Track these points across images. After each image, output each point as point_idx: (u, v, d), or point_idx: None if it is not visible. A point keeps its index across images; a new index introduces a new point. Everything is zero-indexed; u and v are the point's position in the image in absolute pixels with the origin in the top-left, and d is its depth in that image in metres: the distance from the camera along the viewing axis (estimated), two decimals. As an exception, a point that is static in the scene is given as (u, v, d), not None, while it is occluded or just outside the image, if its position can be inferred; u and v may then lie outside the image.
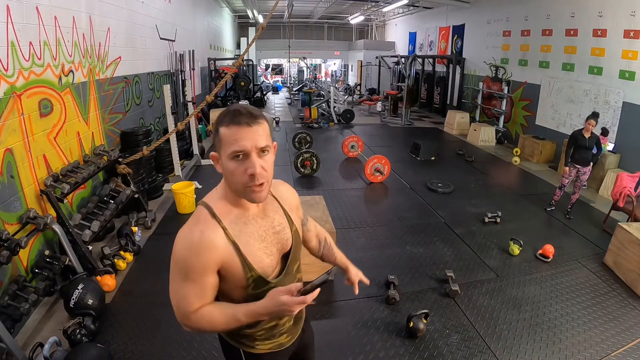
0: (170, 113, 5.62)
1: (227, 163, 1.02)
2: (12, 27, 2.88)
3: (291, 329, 1.29)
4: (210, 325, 1.08)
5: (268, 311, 1.04)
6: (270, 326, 1.21)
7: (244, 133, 0.99)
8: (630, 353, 2.61)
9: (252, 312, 1.05)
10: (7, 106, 2.80)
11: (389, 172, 6.02)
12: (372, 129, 10.62)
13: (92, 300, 2.72)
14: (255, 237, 1.11)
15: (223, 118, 1.03)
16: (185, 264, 1.03)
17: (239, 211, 1.11)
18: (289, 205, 1.25)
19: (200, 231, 1.03)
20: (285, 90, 19.31)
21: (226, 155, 1.01)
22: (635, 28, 5.60)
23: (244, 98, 11.97)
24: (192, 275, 1.04)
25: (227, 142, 1.00)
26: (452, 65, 11.38)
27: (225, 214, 1.08)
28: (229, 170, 1.02)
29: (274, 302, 1.02)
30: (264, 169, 1.02)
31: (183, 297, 1.05)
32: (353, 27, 21.43)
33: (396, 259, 3.74)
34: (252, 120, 1.00)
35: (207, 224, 1.05)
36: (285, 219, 1.20)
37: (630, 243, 3.41)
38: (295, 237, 1.22)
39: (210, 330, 1.11)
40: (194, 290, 1.05)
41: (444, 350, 2.60)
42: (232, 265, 1.06)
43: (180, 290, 1.05)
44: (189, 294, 1.05)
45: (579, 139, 4.54)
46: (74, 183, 3.37)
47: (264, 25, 5.56)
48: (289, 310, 1.01)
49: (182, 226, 1.08)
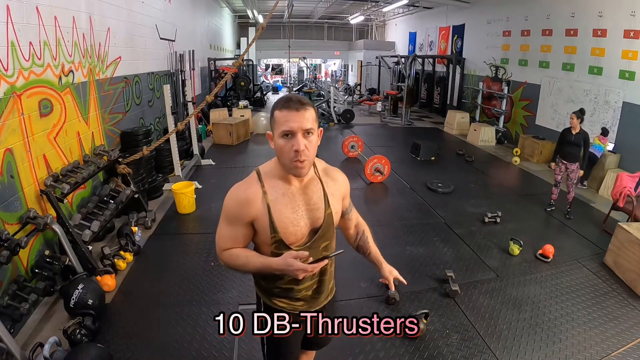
0: (170, 113, 5.62)
1: (278, 140, 1.21)
2: (12, 27, 2.88)
3: (308, 298, 1.43)
4: (234, 263, 1.32)
5: (277, 267, 1.24)
6: (285, 287, 1.38)
7: (293, 116, 1.17)
8: (630, 353, 2.60)
9: (265, 263, 1.27)
10: (7, 106, 2.80)
11: (389, 172, 6.02)
12: (372, 129, 10.62)
13: (92, 300, 2.72)
14: (288, 207, 1.28)
15: (278, 103, 1.22)
16: (228, 211, 1.30)
17: (282, 183, 1.29)
18: (334, 191, 1.39)
19: (245, 188, 1.29)
20: (285, 90, 19.30)
21: (278, 133, 1.20)
22: (635, 28, 5.60)
23: (243, 98, 11.97)
24: (230, 221, 1.30)
25: (279, 122, 1.19)
26: (452, 65, 11.39)
27: (270, 180, 1.29)
28: (279, 146, 1.21)
29: (284, 261, 1.21)
30: (307, 147, 1.20)
31: (221, 236, 1.34)
32: (353, 27, 21.41)
33: (396, 259, 3.73)
34: (300, 106, 1.18)
35: (252, 185, 1.29)
36: (323, 201, 1.34)
37: (630, 243, 3.41)
38: (328, 218, 1.34)
39: (234, 267, 1.33)
40: (229, 233, 1.32)
41: (444, 350, 2.60)
42: (262, 222, 1.27)
43: (221, 230, 1.34)
44: (225, 235, 1.32)
45: (566, 135, 4.64)
46: (74, 183, 3.37)
47: (264, 25, 5.56)
48: (294, 271, 1.21)
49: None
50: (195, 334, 2.68)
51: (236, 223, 1.29)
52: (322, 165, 1.42)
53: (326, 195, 1.34)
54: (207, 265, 3.53)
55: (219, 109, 9.67)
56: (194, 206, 4.76)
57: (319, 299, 1.46)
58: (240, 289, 3.18)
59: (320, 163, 1.41)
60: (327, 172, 1.41)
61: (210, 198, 5.02)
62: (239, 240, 1.32)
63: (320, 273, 1.40)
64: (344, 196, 1.45)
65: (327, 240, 1.37)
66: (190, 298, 3.09)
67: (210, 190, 5.43)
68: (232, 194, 1.29)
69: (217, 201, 4.83)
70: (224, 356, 2.48)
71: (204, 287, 3.23)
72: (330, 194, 1.36)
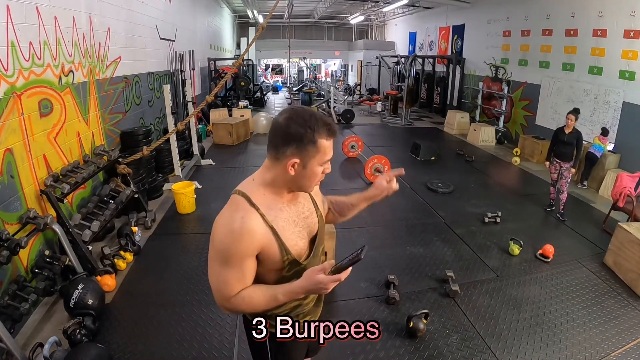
0: (170, 113, 5.62)
1: (316, 168, 1.12)
2: (12, 27, 2.88)
3: (312, 310, 1.37)
4: (250, 307, 1.14)
5: (305, 290, 1.09)
6: (293, 305, 1.28)
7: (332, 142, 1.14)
8: (630, 353, 2.60)
9: (290, 291, 1.11)
10: (7, 106, 2.80)
11: (389, 172, 6.01)
12: (372, 129, 10.62)
13: (92, 300, 2.72)
14: (289, 222, 1.18)
15: (320, 129, 1.08)
16: (227, 250, 1.09)
17: (274, 197, 1.16)
18: (315, 191, 1.34)
19: (241, 218, 1.08)
20: (285, 90, 19.30)
21: (320, 162, 1.12)
22: (635, 28, 5.60)
23: (243, 98, 11.97)
24: (233, 261, 1.09)
25: (326, 152, 1.11)
26: (452, 65, 11.39)
27: (262, 201, 1.14)
28: (314, 173, 1.13)
29: (311, 281, 1.07)
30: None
31: (224, 282, 1.12)
32: (353, 27, 21.41)
33: (396, 259, 3.74)
34: (338, 131, 1.16)
35: (246, 211, 1.10)
36: (312, 204, 1.30)
37: (630, 243, 3.41)
38: (320, 220, 1.30)
39: (249, 311, 1.19)
40: (235, 275, 1.11)
41: (444, 350, 2.60)
42: (270, 249, 1.12)
43: (221, 275, 1.12)
44: (230, 278, 1.11)
45: (559, 134, 4.64)
46: (74, 183, 3.37)
47: (264, 25, 5.56)
48: (325, 287, 1.06)
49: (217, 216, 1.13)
50: (195, 334, 2.68)
51: (241, 261, 1.10)
52: None
53: (312, 198, 1.31)
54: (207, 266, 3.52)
55: (219, 109, 9.66)
56: (194, 206, 4.76)
57: (320, 306, 1.44)
58: (240, 289, 3.17)
59: None
60: None
61: (210, 198, 5.02)
62: (248, 278, 1.14)
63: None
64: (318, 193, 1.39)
65: (322, 244, 1.34)
66: (190, 298, 3.09)
67: (210, 190, 5.43)
68: (226, 229, 1.09)
69: (217, 201, 4.83)
70: (224, 356, 2.48)
71: (204, 287, 3.23)
72: (314, 194, 1.33)
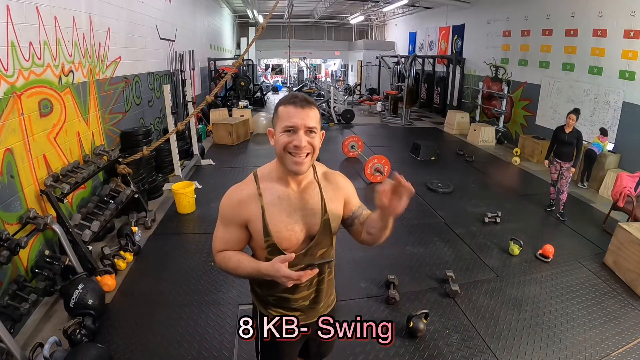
0: (170, 113, 5.62)
1: (279, 136, 1.18)
2: (12, 27, 2.88)
3: (305, 309, 1.39)
4: (226, 266, 1.28)
5: (266, 272, 1.17)
6: (281, 296, 1.35)
7: (297, 112, 1.16)
8: (630, 353, 2.60)
9: (255, 267, 1.22)
10: (7, 106, 2.80)
11: (389, 172, 6.01)
12: (372, 129, 10.62)
13: (92, 300, 2.72)
14: (282, 211, 1.24)
15: (283, 100, 1.21)
16: (223, 212, 1.29)
17: (279, 186, 1.26)
18: (332, 196, 1.33)
19: (241, 189, 1.27)
20: (285, 90, 19.31)
21: (280, 128, 1.18)
22: (635, 28, 5.60)
23: (243, 98, 11.97)
24: (225, 222, 1.29)
25: (283, 118, 1.18)
26: (452, 65, 11.38)
27: (267, 182, 1.27)
28: (280, 142, 1.18)
29: (272, 266, 1.15)
30: (310, 144, 1.18)
31: (216, 238, 1.32)
32: (353, 27, 21.42)
33: (396, 259, 3.74)
34: (306, 104, 1.18)
35: (248, 186, 1.27)
36: (320, 206, 1.29)
37: (630, 243, 3.41)
38: (324, 224, 1.30)
39: (226, 270, 1.29)
40: (222, 235, 1.30)
41: (444, 350, 2.60)
42: (255, 225, 1.24)
43: (216, 231, 1.32)
44: (220, 236, 1.31)
45: (559, 134, 4.63)
46: (74, 183, 3.37)
47: (264, 25, 5.56)
48: (279, 276, 1.13)
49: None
50: (195, 334, 2.68)
51: (230, 225, 1.27)
52: (323, 169, 1.37)
53: (323, 200, 1.29)
54: (207, 265, 3.52)
55: (219, 109, 9.66)
56: (194, 206, 4.76)
57: (317, 309, 1.41)
58: (240, 288, 3.17)
59: (320, 167, 1.37)
60: (326, 177, 1.35)
61: (210, 198, 5.01)
62: (232, 242, 1.29)
63: (318, 282, 1.36)
64: (347, 199, 1.36)
65: (324, 248, 1.32)
66: (190, 298, 3.09)
67: (210, 190, 5.43)
68: (228, 195, 1.29)
69: (217, 201, 4.79)
70: (224, 356, 2.48)
71: (203, 287, 3.23)
72: (328, 199, 1.30)
